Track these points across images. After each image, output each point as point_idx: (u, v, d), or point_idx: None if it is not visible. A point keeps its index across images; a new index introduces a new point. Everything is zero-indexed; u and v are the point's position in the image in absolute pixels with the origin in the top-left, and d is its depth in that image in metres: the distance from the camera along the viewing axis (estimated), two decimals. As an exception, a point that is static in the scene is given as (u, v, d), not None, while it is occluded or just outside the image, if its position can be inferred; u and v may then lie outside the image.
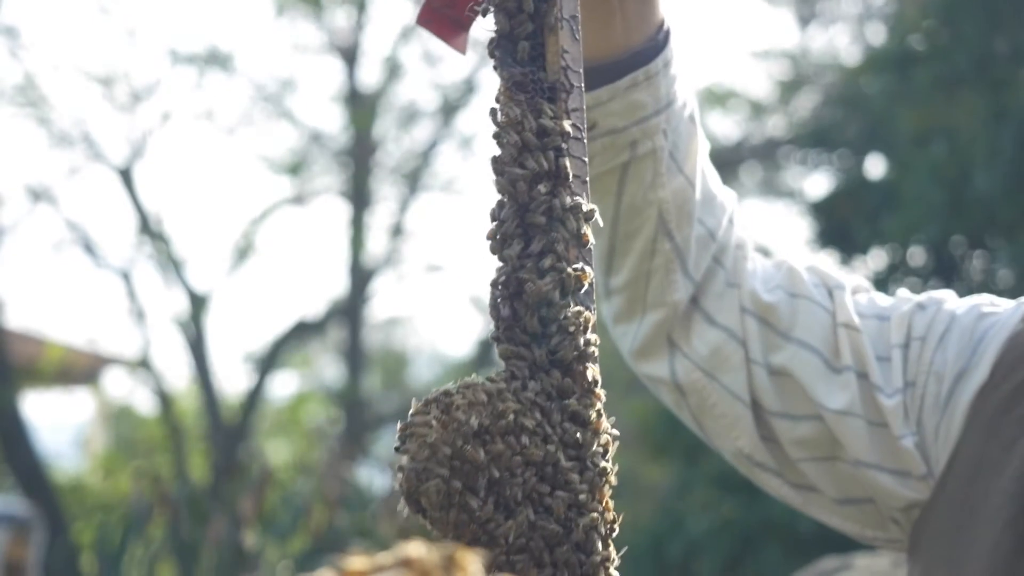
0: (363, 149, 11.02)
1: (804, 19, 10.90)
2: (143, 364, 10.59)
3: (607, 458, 0.93)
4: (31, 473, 8.18)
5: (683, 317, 1.28)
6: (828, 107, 8.39)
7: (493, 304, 0.94)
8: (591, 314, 0.94)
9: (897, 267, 6.25)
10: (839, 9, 10.68)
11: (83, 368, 11.99)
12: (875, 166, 7.08)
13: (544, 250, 0.93)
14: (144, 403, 13.07)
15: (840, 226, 6.54)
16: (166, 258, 10.36)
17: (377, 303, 14.79)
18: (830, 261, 6.65)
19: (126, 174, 10.25)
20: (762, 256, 1.32)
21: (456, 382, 0.90)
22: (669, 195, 1.25)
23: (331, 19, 11.12)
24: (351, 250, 11.02)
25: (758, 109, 11.06)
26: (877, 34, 9.31)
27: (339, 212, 16.92)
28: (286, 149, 11.29)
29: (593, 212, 0.96)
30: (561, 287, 0.93)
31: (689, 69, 1.27)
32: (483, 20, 0.98)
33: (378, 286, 11.73)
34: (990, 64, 6.00)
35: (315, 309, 11.37)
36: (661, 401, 1.36)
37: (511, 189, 0.94)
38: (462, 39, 1.07)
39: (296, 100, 11.27)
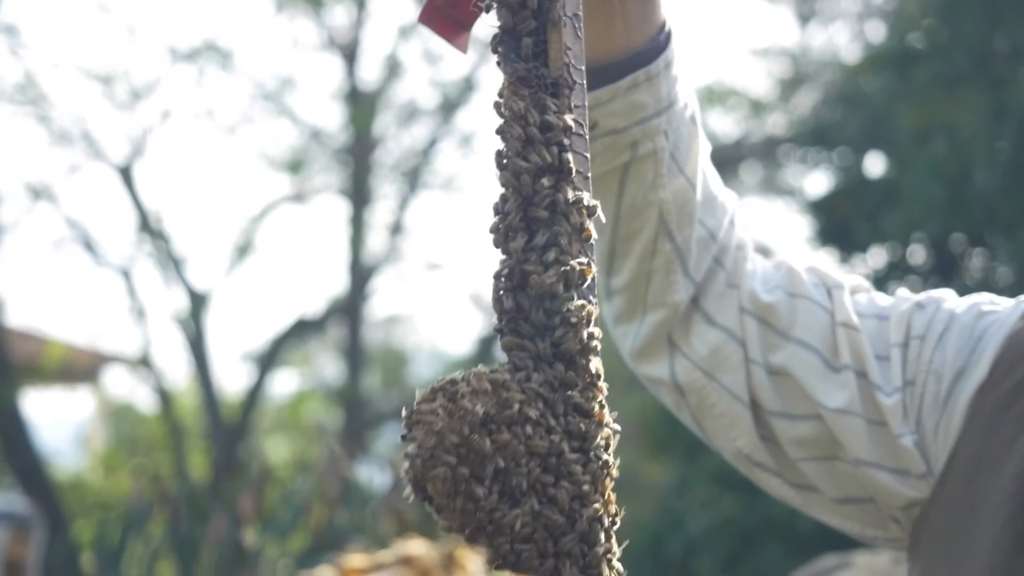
0: (363, 147, 11.01)
1: (804, 17, 10.89)
2: (143, 362, 10.59)
3: (609, 451, 0.94)
4: (31, 471, 8.18)
5: (683, 318, 1.29)
6: (828, 105, 8.38)
7: (496, 296, 0.94)
8: (594, 308, 0.94)
9: (897, 265, 6.25)
10: (839, 7, 10.67)
11: (84, 366, 11.99)
12: (875, 164, 7.08)
13: (548, 243, 0.93)
14: (144, 401, 13.08)
15: (840, 224, 6.54)
16: (166, 256, 10.35)
17: (377, 301, 14.78)
18: (830, 259, 6.65)
19: (126, 172, 10.24)
20: (762, 257, 1.33)
21: (461, 372, 0.90)
22: (670, 196, 1.25)
23: (331, 16, 11.11)
24: (351, 248, 11.01)
25: (758, 107, 11.06)
26: (877, 32, 9.31)
27: (339, 210, 16.91)
28: (286, 147, 11.29)
29: (596, 207, 0.96)
30: (565, 280, 0.93)
31: (690, 70, 1.27)
32: (486, 16, 0.98)
33: (378, 284, 11.75)
34: (990, 62, 6.00)
35: (315, 307, 11.37)
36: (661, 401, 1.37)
37: (515, 182, 0.94)
38: (464, 38, 1.08)
39: (296, 98, 11.24)
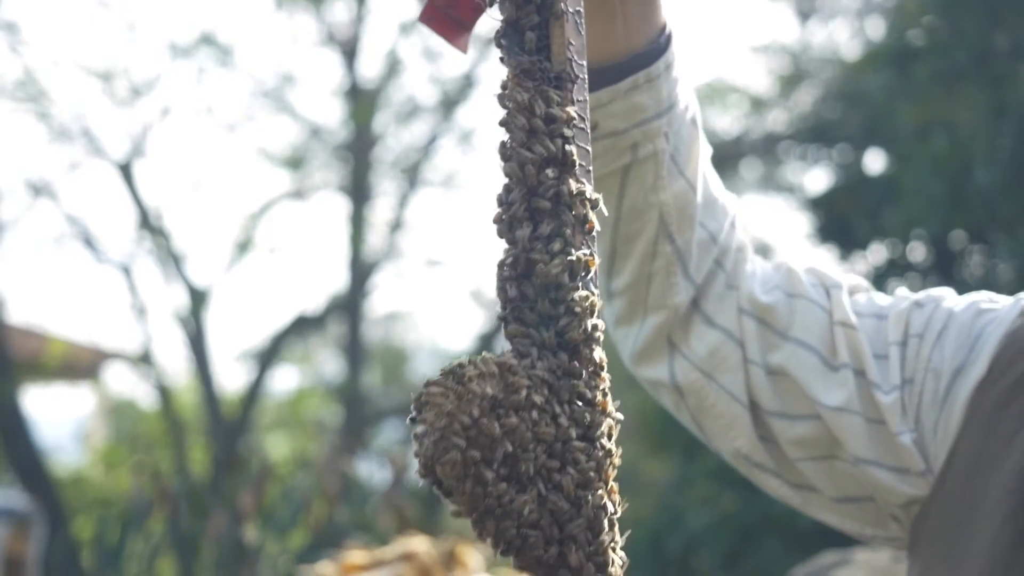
0: (363, 143, 11.01)
1: (804, 14, 10.88)
2: (144, 358, 10.59)
3: (612, 440, 0.94)
4: (31, 468, 8.20)
5: (683, 319, 1.29)
6: (828, 102, 8.39)
7: (500, 285, 0.95)
8: (597, 298, 0.95)
9: (897, 262, 6.25)
10: (839, 4, 10.67)
11: (84, 363, 12.00)
12: (875, 161, 7.09)
13: (553, 233, 0.94)
14: (144, 397, 13.07)
15: (840, 221, 6.55)
16: (166, 253, 10.35)
17: (377, 298, 14.75)
18: (830, 256, 6.66)
19: (126, 169, 10.24)
20: (761, 259, 1.33)
21: (468, 356, 0.91)
22: (670, 198, 1.25)
23: (331, 13, 11.10)
24: (351, 245, 11.01)
25: (758, 104, 11.05)
26: (877, 29, 9.30)
27: (339, 207, 16.91)
28: (286, 143, 11.28)
29: (598, 200, 0.97)
30: (570, 270, 0.93)
31: (691, 72, 1.27)
32: (488, 11, 0.99)
33: (378, 281, 11.73)
34: (990, 59, 6.00)
35: (315, 304, 11.37)
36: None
37: (520, 173, 0.94)
38: (464, 38, 1.08)
39: (296, 94, 11.22)
